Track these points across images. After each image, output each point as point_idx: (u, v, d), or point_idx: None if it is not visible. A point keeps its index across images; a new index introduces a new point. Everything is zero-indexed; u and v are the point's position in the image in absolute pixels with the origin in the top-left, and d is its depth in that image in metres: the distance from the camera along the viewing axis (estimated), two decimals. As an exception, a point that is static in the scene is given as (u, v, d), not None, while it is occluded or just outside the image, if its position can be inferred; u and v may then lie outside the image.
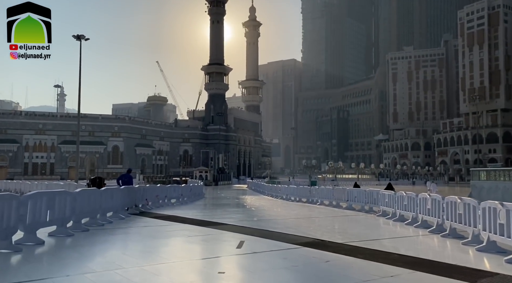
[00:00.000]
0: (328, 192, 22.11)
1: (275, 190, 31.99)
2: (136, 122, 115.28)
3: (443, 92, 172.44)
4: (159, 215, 14.73)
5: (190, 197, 24.94)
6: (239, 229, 10.85)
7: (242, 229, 10.98)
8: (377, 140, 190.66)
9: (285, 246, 8.43)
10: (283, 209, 20.71)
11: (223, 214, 16.88)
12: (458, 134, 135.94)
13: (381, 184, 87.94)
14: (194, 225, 11.71)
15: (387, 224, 13.65)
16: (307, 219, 15.18)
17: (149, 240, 9.66)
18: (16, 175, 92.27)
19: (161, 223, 12.57)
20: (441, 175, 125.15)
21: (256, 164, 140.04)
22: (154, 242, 9.31)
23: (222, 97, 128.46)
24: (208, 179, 72.02)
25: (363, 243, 9.04)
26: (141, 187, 16.89)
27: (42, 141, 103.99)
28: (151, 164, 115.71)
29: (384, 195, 15.87)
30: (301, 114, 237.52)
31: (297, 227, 11.65)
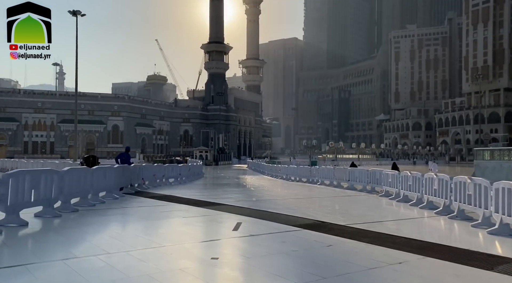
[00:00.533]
0: (329, 171, 21.63)
1: (275, 169, 31.57)
2: (135, 102, 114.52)
3: (445, 71, 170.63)
4: (155, 195, 14.25)
5: (189, 176, 24.49)
6: (237, 210, 10.37)
7: (239, 209, 10.50)
8: (378, 121, 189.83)
9: (285, 228, 7.93)
10: (283, 189, 20.26)
11: (221, 193, 16.46)
12: (460, 114, 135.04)
13: (382, 163, 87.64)
14: (190, 205, 11.23)
15: (391, 204, 13.16)
16: (307, 199, 14.71)
17: (141, 221, 9.17)
18: (16, 154, 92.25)
19: (156, 203, 12.09)
20: (442, 155, 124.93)
21: (256, 144, 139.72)
22: (145, 224, 8.82)
23: (222, 76, 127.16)
24: (208, 158, 71.71)
25: (367, 225, 8.53)
26: (137, 166, 16.41)
27: (41, 120, 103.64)
28: (151, 143, 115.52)
29: (387, 175, 15.35)
30: (302, 95, 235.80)
31: (297, 208, 11.17)
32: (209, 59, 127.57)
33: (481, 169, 28.33)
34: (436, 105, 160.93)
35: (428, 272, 5.21)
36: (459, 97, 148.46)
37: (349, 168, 19.56)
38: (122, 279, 4.55)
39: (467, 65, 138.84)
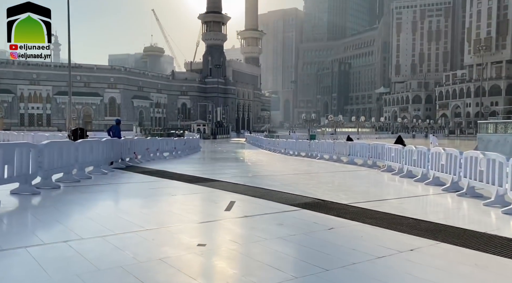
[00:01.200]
0: (328, 145, 20.96)
1: (274, 143, 30.91)
2: (132, 74, 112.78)
3: (447, 43, 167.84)
4: (146, 170, 13.56)
5: (185, 150, 23.82)
6: (231, 187, 9.68)
7: (234, 186, 9.82)
8: (378, 94, 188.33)
9: (282, 208, 7.26)
10: (281, 163, 19.61)
11: (216, 169, 15.79)
12: (461, 87, 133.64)
13: (381, 137, 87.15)
14: (182, 182, 10.55)
15: (394, 180, 12.52)
16: (306, 174, 14.03)
17: (125, 200, 8.51)
18: (13, 126, 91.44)
19: (145, 179, 11.40)
20: (442, 128, 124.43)
21: (255, 118, 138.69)
22: (129, 203, 8.12)
23: (220, 48, 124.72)
24: (206, 132, 70.99)
25: (371, 204, 7.88)
26: (128, 140, 15.64)
27: (37, 92, 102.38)
28: (149, 116, 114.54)
29: (390, 149, 14.66)
30: (302, 67, 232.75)
31: (295, 184, 10.51)
32: (206, 30, 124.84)
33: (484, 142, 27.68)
34: (437, 78, 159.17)
35: (444, 261, 4.55)
36: (461, 69, 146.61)
37: (350, 142, 18.86)
38: (90, 272, 3.87)
39: (470, 36, 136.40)
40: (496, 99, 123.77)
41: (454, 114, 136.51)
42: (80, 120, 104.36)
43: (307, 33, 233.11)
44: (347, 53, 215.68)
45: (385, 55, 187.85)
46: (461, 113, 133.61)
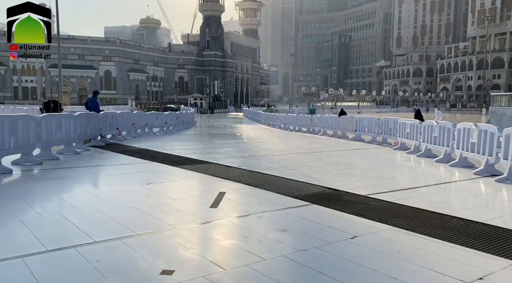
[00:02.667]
0: (332, 120, 19.27)
1: (273, 118, 29.21)
2: (128, 46, 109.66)
3: (450, 14, 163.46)
4: (129, 149, 11.88)
5: (177, 126, 22.12)
6: (223, 171, 8.04)
7: (227, 170, 8.17)
8: (378, 67, 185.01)
9: (284, 202, 5.63)
10: (281, 140, 17.95)
11: (209, 147, 14.08)
12: (463, 59, 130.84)
13: (382, 111, 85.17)
14: (166, 164, 8.90)
15: (410, 160, 10.88)
16: (310, 154, 12.32)
17: (86, 189, 6.74)
18: (6, 99, 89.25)
19: (123, 160, 9.74)
20: (443, 101, 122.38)
21: (254, 92, 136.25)
22: (88, 195, 6.18)
23: (218, 19, 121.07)
24: (203, 106, 68.98)
25: (395, 194, 6.26)
26: (108, 114, 13.85)
27: (30, 64, 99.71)
28: (145, 90, 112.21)
29: (404, 124, 12.97)
30: (301, 40, 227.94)
31: (299, 167, 8.87)
32: (204, 0, 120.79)
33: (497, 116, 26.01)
34: (438, 50, 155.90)
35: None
36: (463, 42, 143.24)
37: (357, 116, 17.15)
38: None
39: (474, 7, 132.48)
40: (499, 72, 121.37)
41: (455, 88, 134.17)
42: (76, 94, 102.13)
43: (307, 5, 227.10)
44: (347, 25, 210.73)
45: (386, 27, 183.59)
46: (462, 87, 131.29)
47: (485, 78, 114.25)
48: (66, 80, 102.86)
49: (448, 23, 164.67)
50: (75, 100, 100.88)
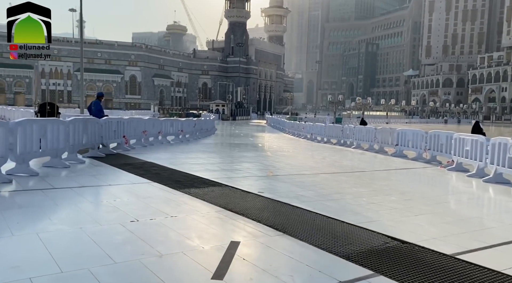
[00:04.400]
0: (368, 132, 17.09)
1: (298, 127, 27.12)
2: (153, 51, 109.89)
3: (483, 23, 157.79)
4: (131, 162, 10.06)
5: (195, 133, 20.35)
6: (239, 200, 6.06)
7: (243, 199, 6.19)
8: (406, 76, 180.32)
9: (330, 268, 3.54)
10: (310, 154, 15.89)
11: (226, 161, 12.02)
12: (497, 70, 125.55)
13: (412, 122, 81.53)
14: (167, 186, 6.94)
15: (479, 187, 8.66)
16: (349, 174, 10.07)
17: (34, 231, 4.29)
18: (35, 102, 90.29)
19: (116, 178, 7.92)
20: (475, 113, 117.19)
21: (277, 99, 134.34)
22: (33, 243, 3.91)
23: (243, 26, 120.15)
24: (225, 113, 67.43)
25: (504, 255, 4.14)
26: (113, 120, 12.07)
27: (58, 68, 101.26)
28: (169, 95, 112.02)
29: (463, 141, 10.71)
30: (327, 48, 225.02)
31: (339, 195, 6.80)
32: (229, 6, 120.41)
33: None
34: (469, 60, 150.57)
35: None
36: (497, 51, 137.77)
37: (399, 129, 14.91)
38: None
39: (510, 16, 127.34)
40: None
41: (488, 99, 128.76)
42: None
43: (334, 12, 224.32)
44: (375, 33, 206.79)
45: (415, 36, 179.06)
46: (496, 98, 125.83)
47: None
48: (92, 84, 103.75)
49: (481, 32, 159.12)
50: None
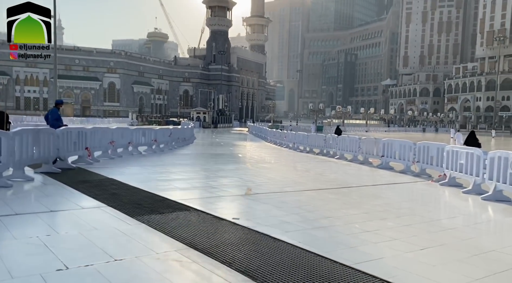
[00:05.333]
0: (352, 142, 16.30)
1: (280, 136, 26.22)
2: (133, 58, 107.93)
3: (458, 35, 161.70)
4: (89, 178, 8.78)
5: (171, 143, 19.18)
6: (208, 233, 4.98)
7: (214, 230, 5.14)
8: (384, 86, 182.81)
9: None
10: (293, 165, 14.97)
11: (200, 176, 10.79)
12: (471, 80, 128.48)
13: (390, 130, 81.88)
14: (122, 212, 5.86)
15: (480, 206, 7.85)
16: (336, 191, 9.03)
17: None
18: (8, 109, 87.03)
19: (59, 204, 6.56)
20: (452, 122, 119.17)
21: (259, 107, 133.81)
22: None
23: (225, 34, 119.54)
24: (206, 120, 66.18)
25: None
26: (72, 130, 10.72)
27: (33, 74, 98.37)
28: (149, 103, 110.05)
29: (456, 153, 9.92)
30: (307, 57, 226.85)
31: (327, 221, 5.90)
32: (211, 15, 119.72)
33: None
34: (446, 70, 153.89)
35: None
36: (471, 62, 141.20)
37: (385, 139, 14.09)
38: None
39: (483, 28, 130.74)
40: (508, 93, 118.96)
41: (463, 108, 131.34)
42: (79, 105, 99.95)
43: (314, 23, 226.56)
44: (353, 44, 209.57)
45: (393, 47, 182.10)
46: (471, 108, 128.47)
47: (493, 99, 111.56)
48: (70, 91, 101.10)
49: (456, 43, 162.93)
50: (77, 111, 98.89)
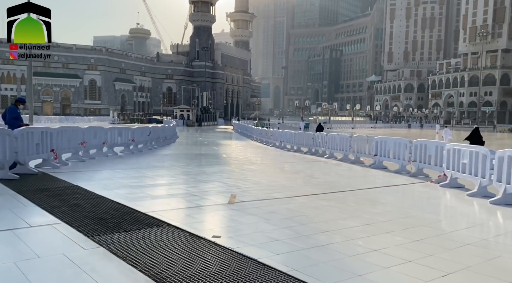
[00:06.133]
0: (342, 140, 15.46)
1: (266, 134, 25.31)
2: (114, 55, 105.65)
3: (441, 31, 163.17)
4: (50, 186, 7.60)
5: (150, 143, 18.10)
6: (180, 259, 3.98)
7: (188, 254, 4.12)
8: (369, 82, 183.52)
9: None
10: (281, 166, 14.05)
11: (178, 181, 9.50)
12: (454, 76, 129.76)
13: (376, 127, 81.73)
14: (79, 231, 4.81)
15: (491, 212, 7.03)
16: (330, 196, 7.89)
17: None
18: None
19: (6, 219, 5.41)
20: (436, 118, 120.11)
21: (244, 104, 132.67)
22: None
23: (209, 30, 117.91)
24: (190, 118, 64.93)
25: None
26: (34, 130, 9.45)
27: (10, 72, 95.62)
28: (132, 100, 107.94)
29: (458, 152, 9.13)
30: (293, 54, 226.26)
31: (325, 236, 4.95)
32: (194, 10, 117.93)
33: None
34: (429, 66, 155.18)
35: None
36: (454, 58, 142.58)
37: (378, 137, 13.28)
38: None
39: (466, 24, 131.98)
40: (490, 89, 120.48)
41: (447, 104, 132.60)
42: (58, 103, 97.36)
43: (299, 18, 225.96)
44: (338, 40, 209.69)
45: (377, 43, 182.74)
46: (454, 103, 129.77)
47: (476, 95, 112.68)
48: (49, 89, 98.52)
49: (439, 39, 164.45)
50: (57, 110, 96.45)
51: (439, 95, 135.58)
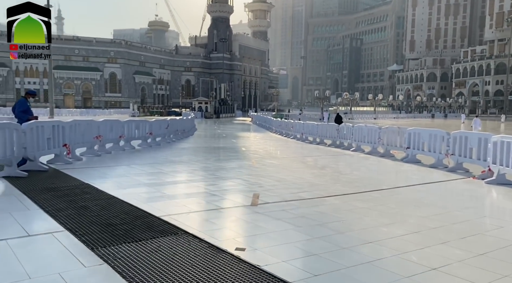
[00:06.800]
0: (370, 132, 14.53)
1: (286, 126, 24.47)
2: (133, 48, 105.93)
3: (466, 17, 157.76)
4: (59, 184, 7.13)
5: (167, 136, 17.51)
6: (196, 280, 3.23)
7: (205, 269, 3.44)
8: (390, 71, 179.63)
9: None
10: (304, 161, 13.23)
11: (195, 178, 8.83)
12: (480, 63, 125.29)
13: (400, 117, 79.55)
14: (80, 239, 4.26)
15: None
16: (366, 196, 7.01)
17: None
18: (8, 102, 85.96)
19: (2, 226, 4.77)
20: (461, 107, 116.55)
21: (262, 96, 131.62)
22: None
23: (226, 21, 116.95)
24: (208, 110, 64.45)
25: None
26: (44, 124, 8.88)
27: (33, 66, 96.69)
28: (151, 93, 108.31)
29: (509, 145, 8.15)
30: (311, 43, 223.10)
31: (368, 248, 4.19)
32: (212, 1, 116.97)
33: None
34: (453, 54, 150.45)
35: None
36: (480, 45, 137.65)
37: (411, 129, 12.31)
38: None
39: (492, 9, 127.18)
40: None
41: (472, 92, 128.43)
42: (80, 96, 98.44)
43: (318, 7, 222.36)
44: (358, 28, 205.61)
45: (399, 31, 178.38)
46: (479, 92, 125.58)
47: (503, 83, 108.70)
48: (70, 82, 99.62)
49: (464, 26, 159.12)
50: (79, 103, 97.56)
51: (464, 84, 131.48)
